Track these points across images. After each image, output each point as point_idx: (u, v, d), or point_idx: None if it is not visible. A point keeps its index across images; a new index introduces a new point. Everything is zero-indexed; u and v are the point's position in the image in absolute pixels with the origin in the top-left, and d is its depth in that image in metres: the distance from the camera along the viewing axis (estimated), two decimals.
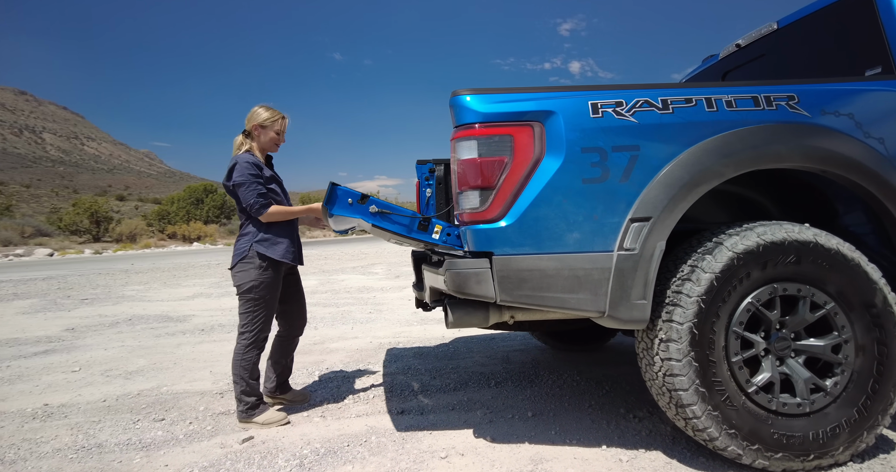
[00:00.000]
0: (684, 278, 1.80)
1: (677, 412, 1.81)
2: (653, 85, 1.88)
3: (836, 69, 2.47)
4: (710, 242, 1.84)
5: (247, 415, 2.53)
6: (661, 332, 1.80)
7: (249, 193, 2.46)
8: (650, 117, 1.82)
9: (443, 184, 3.51)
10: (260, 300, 2.50)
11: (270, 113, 2.63)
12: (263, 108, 2.66)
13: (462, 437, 2.26)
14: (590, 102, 1.84)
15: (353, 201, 1.99)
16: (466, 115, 1.87)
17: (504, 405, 2.64)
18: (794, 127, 1.85)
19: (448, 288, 1.87)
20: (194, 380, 3.38)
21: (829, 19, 2.47)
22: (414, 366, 3.47)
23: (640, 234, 1.77)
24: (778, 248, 1.78)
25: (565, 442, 2.15)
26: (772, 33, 2.81)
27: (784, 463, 1.77)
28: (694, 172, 1.77)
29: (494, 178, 1.83)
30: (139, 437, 2.44)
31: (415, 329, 4.66)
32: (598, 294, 1.79)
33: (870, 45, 2.25)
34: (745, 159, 1.79)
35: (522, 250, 1.81)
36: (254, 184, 2.46)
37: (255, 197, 2.47)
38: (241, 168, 2.48)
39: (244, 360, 2.52)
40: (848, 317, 1.82)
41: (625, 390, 2.80)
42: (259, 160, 2.59)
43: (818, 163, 1.83)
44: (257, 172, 2.50)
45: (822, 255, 1.79)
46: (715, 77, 3.30)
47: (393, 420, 2.50)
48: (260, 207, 2.47)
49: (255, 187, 2.46)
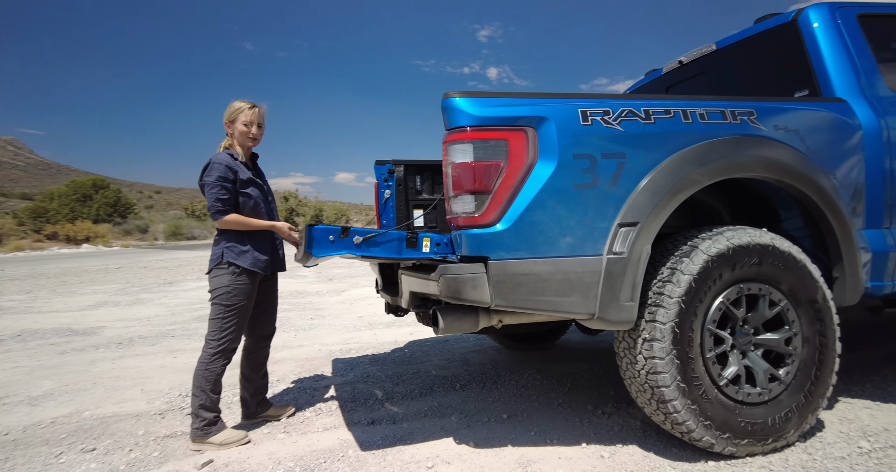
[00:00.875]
0: (665, 279, 1.90)
1: (658, 407, 1.91)
2: (635, 95, 1.97)
3: (769, 90, 2.76)
4: (685, 245, 1.96)
5: (203, 433, 2.30)
6: (644, 332, 1.89)
7: (210, 196, 2.31)
8: (635, 126, 1.91)
9: (402, 185, 3.45)
10: (231, 308, 2.34)
11: (237, 105, 2.46)
12: (233, 102, 2.48)
13: (443, 445, 2.22)
14: (580, 110, 1.88)
15: (334, 238, 1.86)
16: (460, 117, 1.84)
17: (476, 408, 2.64)
18: (755, 140, 2.03)
19: (442, 294, 1.83)
20: (123, 401, 3.01)
21: (763, 45, 2.75)
22: (372, 373, 3.36)
23: (629, 238, 1.84)
24: (744, 251, 1.94)
25: (546, 443, 2.19)
26: (711, 53, 3.08)
27: (749, 448, 1.94)
28: (675, 180, 1.88)
29: (490, 182, 1.81)
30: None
31: (364, 335, 4.51)
32: (588, 297, 1.84)
33: (798, 70, 2.53)
34: (719, 168, 1.94)
35: (517, 254, 1.81)
36: (217, 187, 2.30)
37: (214, 201, 2.31)
38: (211, 168, 2.33)
39: (208, 370, 2.32)
40: (797, 312, 2.04)
41: (586, 386, 2.91)
42: (234, 161, 2.40)
43: (774, 173, 2.03)
44: (227, 174, 2.33)
45: (778, 257, 1.99)
46: (658, 90, 3.55)
47: (365, 432, 2.40)
48: (216, 213, 2.32)
49: (218, 191, 2.30)
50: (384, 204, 3.49)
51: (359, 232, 1.87)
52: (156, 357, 3.99)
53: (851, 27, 2.45)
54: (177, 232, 34.31)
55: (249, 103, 2.46)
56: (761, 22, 2.79)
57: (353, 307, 6.02)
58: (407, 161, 3.47)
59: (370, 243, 1.88)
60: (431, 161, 3.54)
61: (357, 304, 6.26)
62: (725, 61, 3.02)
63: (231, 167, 2.35)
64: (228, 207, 2.33)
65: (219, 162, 2.34)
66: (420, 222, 3.57)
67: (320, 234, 1.84)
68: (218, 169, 2.32)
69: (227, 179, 2.32)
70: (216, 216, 2.32)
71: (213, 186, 2.29)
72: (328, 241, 1.85)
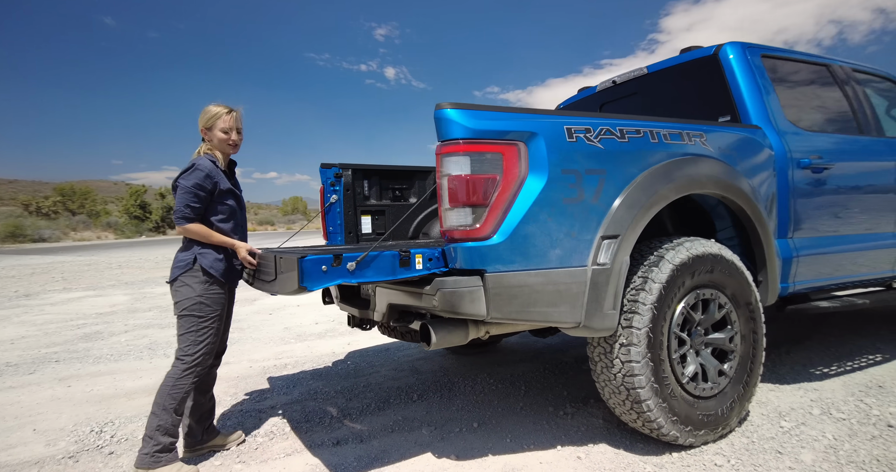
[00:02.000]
0: (638, 288, 2.05)
1: (632, 407, 2.05)
2: (610, 115, 2.10)
3: (695, 114, 3.09)
4: (652, 255, 2.13)
5: (153, 460, 2.05)
6: (621, 337, 2.02)
7: (181, 200, 2.16)
8: (612, 144, 2.03)
9: (350, 190, 3.32)
10: (206, 319, 2.20)
11: (213, 111, 2.29)
12: (209, 106, 2.31)
13: (424, 461, 2.16)
14: (565, 127, 1.96)
15: (326, 268, 1.71)
16: (454, 129, 1.82)
17: (443, 418, 2.61)
18: (708, 160, 2.27)
19: (438, 307, 1.79)
20: (11, 446, 2.50)
21: (689, 72, 3.08)
22: (319, 389, 3.17)
23: (611, 250, 1.96)
24: (700, 260, 2.16)
25: (524, 449, 2.23)
26: (643, 76, 3.38)
27: (704, 438, 2.16)
28: (649, 195, 2.03)
29: (487, 195, 1.81)
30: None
31: (297, 348, 4.23)
32: (575, 306, 1.92)
33: (720, 98, 2.88)
34: (683, 185, 2.13)
35: (512, 266, 1.83)
36: (191, 194, 2.16)
37: (184, 206, 2.16)
38: (192, 173, 2.18)
39: (176, 387, 2.12)
40: (738, 313, 2.31)
41: (539, 387, 3.03)
42: (216, 169, 2.24)
43: (721, 189, 2.28)
44: (205, 183, 2.18)
45: (725, 265, 2.24)
46: (593, 107, 3.81)
47: (335, 454, 2.26)
48: (181, 218, 2.17)
49: (191, 198, 2.16)
50: (330, 209, 3.32)
51: (350, 258, 1.75)
52: (41, 389, 3.37)
53: (758, 65, 2.84)
54: (18, 233, 29.18)
55: (226, 107, 2.31)
56: (687, 52, 3.12)
57: (274, 318, 5.62)
58: (354, 165, 3.34)
59: (363, 266, 1.77)
60: (379, 166, 3.44)
61: (277, 314, 5.86)
62: (655, 84, 3.33)
63: (211, 176, 2.21)
64: (196, 216, 2.19)
65: (201, 169, 2.19)
66: (368, 229, 3.45)
67: (311, 265, 1.68)
68: (197, 176, 2.17)
69: (203, 187, 2.18)
70: (180, 222, 2.18)
71: (188, 191, 2.16)
72: (321, 271, 1.70)
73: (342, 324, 5.12)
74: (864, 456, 2.05)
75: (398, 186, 3.54)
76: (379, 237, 3.47)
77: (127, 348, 4.40)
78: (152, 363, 3.88)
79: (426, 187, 3.60)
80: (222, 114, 2.27)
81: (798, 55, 3.11)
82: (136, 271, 11.71)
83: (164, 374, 2.17)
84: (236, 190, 2.35)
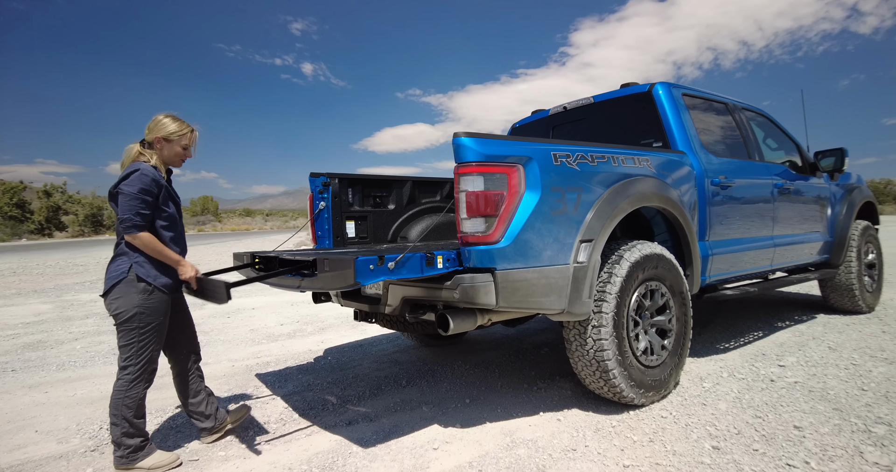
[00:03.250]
0: (605, 281, 2.59)
1: (601, 376, 2.59)
2: (584, 143, 2.62)
3: (632, 139, 3.75)
4: (614, 255, 2.68)
5: (129, 460, 2.20)
6: (593, 320, 2.54)
7: (129, 208, 2.15)
8: (586, 167, 2.56)
9: (337, 198, 3.61)
10: (147, 328, 2.22)
11: (178, 125, 2.37)
12: (170, 118, 2.38)
13: (433, 430, 2.55)
14: (552, 153, 2.45)
15: (373, 267, 2.01)
16: (468, 153, 2.23)
17: (437, 398, 3.01)
18: (652, 180, 2.87)
19: (458, 299, 2.19)
20: (23, 446, 2.53)
21: (628, 104, 3.74)
22: (311, 382, 3.42)
23: (587, 251, 2.47)
24: (649, 258, 2.75)
25: (513, 416, 2.69)
26: (589, 104, 4.00)
27: (652, 398, 2.75)
28: (613, 208, 2.58)
29: (497, 207, 2.25)
30: None
31: (272, 347, 4.39)
32: (561, 296, 2.41)
33: (653, 126, 3.55)
34: (636, 199, 2.71)
35: (515, 265, 2.28)
36: (139, 200, 2.16)
37: (133, 214, 2.15)
38: (135, 178, 2.17)
39: (128, 397, 2.19)
40: (674, 301, 2.94)
41: (510, 370, 3.51)
42: (161, 176, 2.30)
43: (662, 203, 2.89)
44: (152, 188, 2.21)
45: (665, 262, 2.86)
46: (546, 128, 4.39)
47: (353, 431, 2.57)
48: (132, 227, 2.16)
49: (139, 204, 2.16)
50: (318, 215, 3.59)
51: (390, 258, 2.09)
52: (14, 396, 3.30)
53: (681, 101, 3.55)
54: None
55: (189, 126, 2.41)
56: (626, 87, 3.77)
57: (234, 321, 5.64)
58: (340, 175, 3.63)
59: (399, 265, 2.12)
60: (362, 175, 3.76)
61: (235, 317, 5.87)
62: (600, 112, 3.97)
63: (157, 181, 2.24)
64: (146, 223, 2.20)
65: (147, 173, 2.20)
66: (352, 233, 3.75)
67: (363, 265, 2.00)
68: (143, 180, 2.18)
69: (150, 192, 2.20)
70: (130, 231, 2.16)
71: (135, 198, 2.15)
72: (369, 270, 2.02)
73: (308, 324, 5.30)
74: (758, 402, 2.74)
75: (378, 193, 3.87)
76: (362, 241, 3.79)
77: (89, 354, 4.29)
78: None
79: (403, 195, 3.96)
80: (187, 132, 2.38)
81: (707, 94, 3.88)
82: (39, 278, 10.73)
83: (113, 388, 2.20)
84: (175, 196, 2.44)
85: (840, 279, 4.71)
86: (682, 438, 2.35)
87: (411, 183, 3.99)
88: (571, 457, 2.22)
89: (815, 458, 2.12)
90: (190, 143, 2.43)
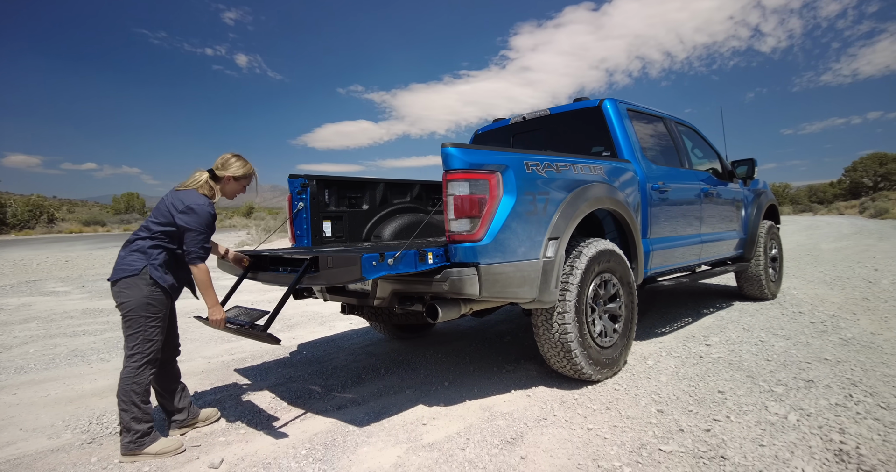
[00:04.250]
0: (567, 273, 2.98)
1: (565, 356, 2.98)
2: (551, 153, 3.00)
3: (584, 148, 4.21)
4: (574, 251, 3.08)
5: (136, 445, 2.34)
6: (559, 307, 2.93)
7: (196, 242, 2.47)
8: (552, 174, 2.94)
9: (315, 199, 3.79)
10: (152, 318, 2.42)
11: (247, 168, 2.71)
12: (238, 159, 2.71)
13: (420, 409, 2.83)
14: (524, 161, 2.80)
15: (376, 263, 2.26)
16: (455, 162, 2.53)
17: (417, 382, 3.28)
18: (605, 185, 3.31)
19: (448, 290, 2.49)
20: (11, 442, 2.54)
21: (580, 117, 4.19)
22: (292, 374, 3.58)
23: (554, 247, 2.85)
24: (603, 254, 3.18)
25: (488, 395, 3.03)
26: (546, 116, 4.42)
27: (607, 374, 3.19)
28: (574, 210, 2.98)
29: (480, 209, 2.57)
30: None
31: (243, 344, 4.46)
32: (533, 287, 2.77)
33: (604, 137, 4.02)
34: (594, 202, 3.12)
35: (495, 260, 2.61)
36: (204, 235, 2.49)
37: (199, 248, 2.47)
38: (199, 215, 2.47)
39: (136, 383, 2.35)
40: (623, 290, 3.40)
41: (478, 356, 3.85)
42: (215, 210, 2.58)
43: (613, 205, 3.34)
44: (212, 223, 2.53)
45: (616, 257, 3.31)
46: (506, 136, 4.77)
47: (345, 414, 2.80)
48: (197, 258, 2.47)
49: (203, 239, 2.49)
50: (297, 215, 3.75)
51: (390, 255, 2.34)
52: None
53: (626, 115, 4.04)
54: None
55: (252, 168, 2.76)
56: (578, 101, 4.22)
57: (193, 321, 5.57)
58: (318, 176, 3.81)
59: (397, 261, 2.38)
60: (338, 177, 3.96)
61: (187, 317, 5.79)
62: (555, 123, 4.40)
63: (214, 216, 2.55)
64: (207, 255, 2.52)
65: (209, 211, 2.51)
66: (329, 232, 3.94)
67: (367, 261, 2.24)
68: (206, 218, 2.49)
69: (211, 226, 2.53)
70: (196, 262, 2.46)
71: (201, 233, 2.47)
72: (372, 265, 2.26)
73: (275, 323, 5.37)
74: (691, 374, 3.25)
75: (353, 194, 4.08)
76: (338, 240, 3.98)
77: (47, 357, 4.16)
78: (93, 367, 3.83)
79: (376, 196, 4.19)
80: (253, 173, 2.75)
81: (647, 109, 4.42)
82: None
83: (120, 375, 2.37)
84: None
85: (751, 271, 5.47)
86: (633, 405, 2.79)
87: (383, 185, 4.23)
88: (543, 425, 2.58)
89: (734, 413, 2.61)
90: (249, 183, 2.77)
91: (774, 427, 2.43)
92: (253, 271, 3.02)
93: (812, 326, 4.36)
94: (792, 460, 2.12)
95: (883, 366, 3.23)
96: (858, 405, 2.64)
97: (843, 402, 2.69)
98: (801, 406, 2.66)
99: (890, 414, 2.52)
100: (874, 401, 2.68)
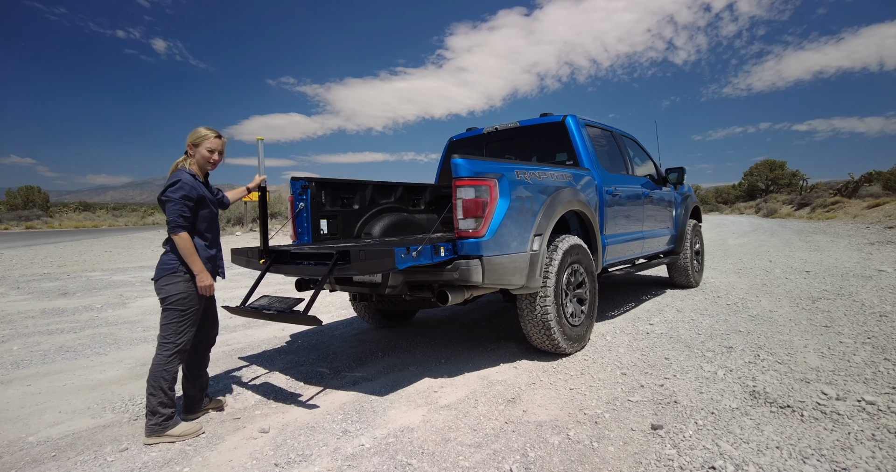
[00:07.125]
0: (548, 264, 3.57)
1: (545, 333, 3.57)
2: (535, 163, 3.57)
3: (550, 157, 4.84)
4: (552, 245, 3.68)
5: (161, 428, 2.52)
6: (541, 292, 3.51)
7: (173, 212, 2.56)
8: (536, 181, 3.51)
9: (315, 199, 4.14)
10: (187, 312, 2.63)
11: (203, 131, 2.76)
12: (202, 127, 2.78)
13: (428, 381, 3.30)
14: (515, 171, 3.35)
15: (404, 255, 2.68)
16: (463, 171, 3.04)
17: (417, 361, 3.74)
18: (573, 189, 3.94)
19: (458, 278, 2.99)
20: (58, 423, 2.72)
21: (546, 129, 4.82)
22: (296, 360, 3.91)
23: (539, 242, 3.43)
24: (574, 248, 3.81)
25: (481, 368, 3.55)
26: (516, 127, 5.02)
27: (577, 349, 3.82)
28: (553, 211, 3.57)
29: (483, 210, 3.08)
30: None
31: (236, 337, 4.67)
32: (523, 275, 3.33)
33: (566, 147, 4.68)
34: (567, 204, 3.74)
35: (494, 253, 3.14)
36: (181, 205, 2.57)
37: (177, 216, 2.56)
38: (178, 187, 2.58)
39: (167, 371, 2.55)
40: (588, 278, 4.05)
41: (464, 338, 4.37)
42: (195, 181, 2.68)
43: (580, 207, 3.97)
44: (191, 194, 2.61)
45: (583, 250, 3.95)
46: (480, 144, 5.31)
47: (363, 387, 3.21)
48: (176, 227, 2.57)
49: (181, 208, 2.57)
50: (298, 215, 4.08)
51: (414, 249, 2.79)
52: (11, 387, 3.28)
53: (584, 129, 4.72)
54: None
55: (215, 132, 2.79)
56: (544, 116, 4.85)
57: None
58: (317, 178, 4.16)
59: (419, 254, 2.83)
60: (333, 179, 4.31)
61: None
62: (524, 134, 5.00)
63: (195, 187, 2.64)
64: (187, 224, 2.61)
65: (186, 182, 2.60)
66: (325, 230, 4.29)
67: (398, 254, 2.67)
68: (184, 188, 2.58)
69: (190, 198, 2.61)
70: (175, 230, 2.56)
71: (177, 203, 2.56)
72: (401, 257, 2.70)
73: None
74: (642, 347, 3.96)
75: (345, 195, 4.45)
76: (333, 237, 4.34)
77: (36, 353, 4.17)
78: (93, 360, 3.93)
79: (365, 197, 4.58)
80: (210, 136, 2.75)
81: (599, 124, 5.13)
82: None
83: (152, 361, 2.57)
84: (211, 196, 2.81)
85: (680, 263, 6.40)
86: (601, 370, 3.43)
87: (371, 186, 4.63)
88: (534, 387, 3.15)
89: (679, 373, 3.32)
90: (213, 147, 2.75)
91: (708, 380, 3.14)
92: (275, 265, 3.35)
93: (728, 307, 5.29)
94: (722, 400, 2.82)
95: (778, 334, 4.12)
96: (763, 362, 3.44)
97: (753, 360, 3.48)
98: (725, 365, 3.42)
99: (783, 366, 3.32)
100: (774, 358, 3.50)
